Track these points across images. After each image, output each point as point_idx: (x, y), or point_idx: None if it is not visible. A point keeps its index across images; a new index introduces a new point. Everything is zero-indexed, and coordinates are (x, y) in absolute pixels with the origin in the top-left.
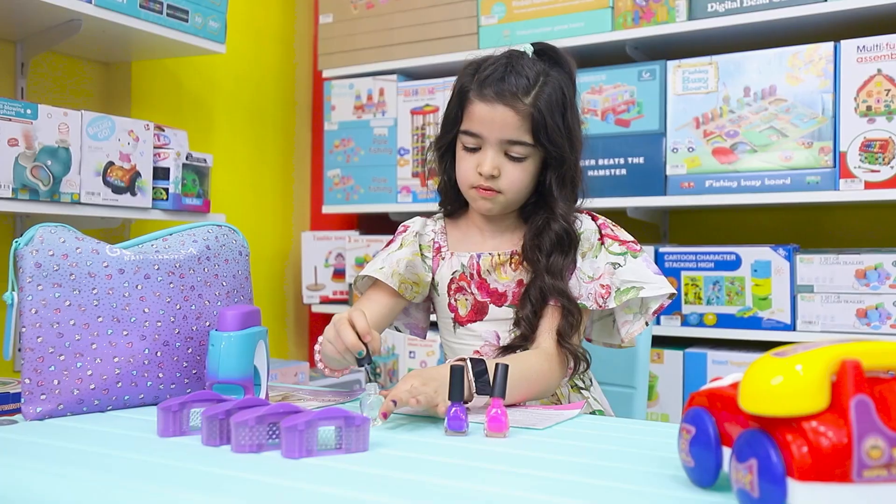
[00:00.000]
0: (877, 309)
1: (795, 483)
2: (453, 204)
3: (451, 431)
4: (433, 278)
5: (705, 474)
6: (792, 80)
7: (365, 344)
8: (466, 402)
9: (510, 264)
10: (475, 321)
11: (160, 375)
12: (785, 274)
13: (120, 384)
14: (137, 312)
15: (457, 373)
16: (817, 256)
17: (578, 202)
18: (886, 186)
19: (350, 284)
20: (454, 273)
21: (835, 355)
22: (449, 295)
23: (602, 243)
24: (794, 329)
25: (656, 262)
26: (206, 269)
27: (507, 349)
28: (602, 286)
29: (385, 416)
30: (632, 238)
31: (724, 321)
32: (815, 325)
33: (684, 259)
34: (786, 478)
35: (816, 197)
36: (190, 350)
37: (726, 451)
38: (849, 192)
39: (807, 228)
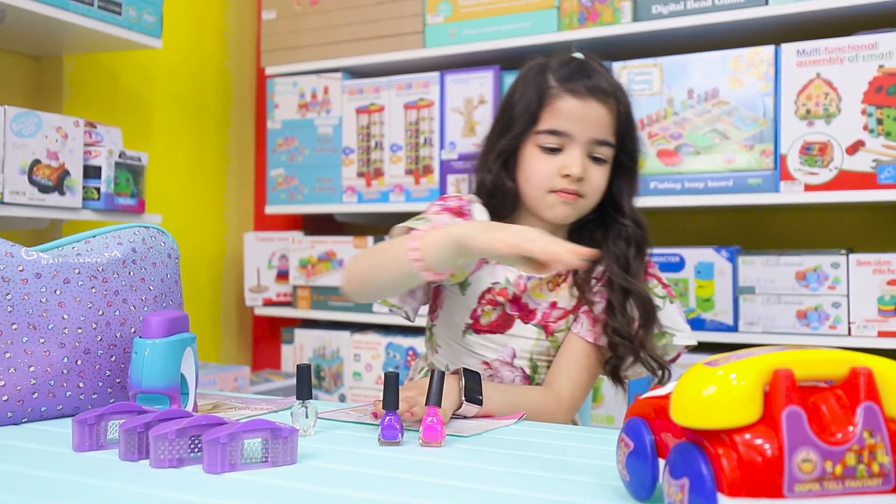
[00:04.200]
0: (816, 310)
1: (725, 499)
2: (506, 213)
3: (384, 441)
4: (466, 277)
5: (641, 489)
6: (734, 82)
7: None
8: (457, 409)
9: (547, 284)
10: (495, 333)
11: (80, 385)
12: (727, 275)
13: (36, 395)
14: (56, 319)
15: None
16: (759, 258)
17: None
18: (825, 189)
19: (294, 287)
20: (494, 284)
21: (767, 365)
22: (479, 303)
23: (645, 281)
24: (737, 330)
25: None
26: (131, 273)
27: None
28: None
29: (375, 415)
30: (667, 282)
31: None
32: (757, 326)
33: None
34: (716, 493)
35: (758, 199)
36: (113, 358)
37: (662, 463)
38: (789, 194)
39: (749, 230)
